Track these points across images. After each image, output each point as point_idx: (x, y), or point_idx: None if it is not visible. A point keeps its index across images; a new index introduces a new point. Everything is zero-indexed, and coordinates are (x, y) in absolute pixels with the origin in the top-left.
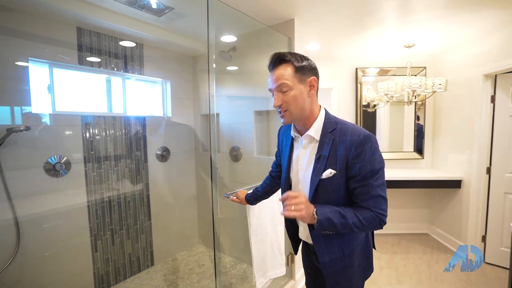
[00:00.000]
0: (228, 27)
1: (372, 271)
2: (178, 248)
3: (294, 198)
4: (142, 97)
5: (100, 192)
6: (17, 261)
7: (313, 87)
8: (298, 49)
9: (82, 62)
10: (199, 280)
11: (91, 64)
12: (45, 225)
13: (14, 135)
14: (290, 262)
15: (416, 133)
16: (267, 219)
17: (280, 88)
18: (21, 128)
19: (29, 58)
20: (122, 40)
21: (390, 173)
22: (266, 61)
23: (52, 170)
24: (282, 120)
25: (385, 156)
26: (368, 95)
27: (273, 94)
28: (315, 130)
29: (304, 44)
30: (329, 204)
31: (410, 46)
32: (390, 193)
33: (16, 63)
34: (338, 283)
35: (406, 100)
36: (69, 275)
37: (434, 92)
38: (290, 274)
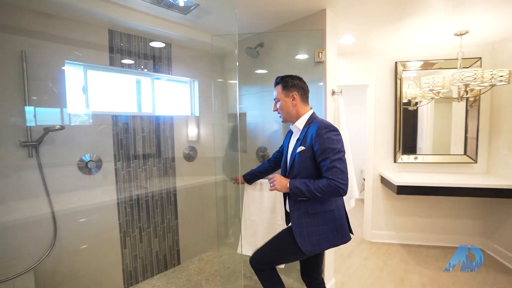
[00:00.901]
0: (254, 22)
1: (339, 242)
2: (204, 249)
3: (271, 179)
4: (170, 96)
5: (129, 190)
6: (54, 253)
7: (294, 99)
8: (330, 43)
9: (113, 64)
10: (223, 283)
11: (122, 65)
12: (79, 220)
13: (51, 134)
14: None
15: (467, 133)
16: (264, 214)
17: (275, 99)
18: (57, 128)
19: (66, 61)
20: (151, 41)
21: (434, 179)
22: (296, 56)
23: (85, 167)
24: (282, 119)
25: (428, 159)
26: (409, 92)
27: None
28: (300, 122)
29: (337, 38)
30: (300, 169)
31: (462, 34)
32: (434, 200)
33: (55, 66)
34: (303, 234)
35: (455, 96)
36: (100, 269)
37: (492, 85)
38: None
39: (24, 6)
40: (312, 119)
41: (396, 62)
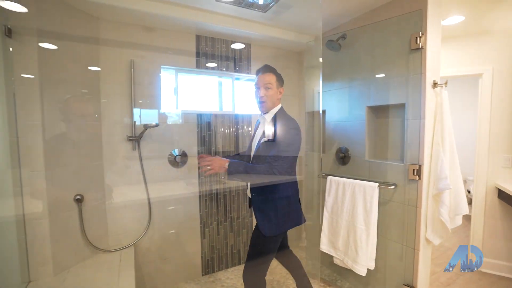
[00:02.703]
0: (336, 12)
1: (291, 225)
2: None
3: (206, 158)
4: (249, 95)
5: (209, 185)
6: (149, 233)
7: (281, 93)
8: (432, 25)
9: (199, 66)
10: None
11: (206, 67)
12: (167, 207)
13: (148, 130)
14: None
15: None
16: (344, 215)
17: (267, 85)
18: (153, 125)
19: (162, 66)
20: (233, 42)
21: None
22: (385, 45)
23: (174, 161)
24: (261, 107)
25: None
26: None
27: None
28: (269, 115)
29: (441, 18)
30: (260, 156)
31: None
32: None
33: (153, 72)
34: (261, 210)
35: None
36: (183, 254)
37: None
38: None
39: (132, 22)
40: (279, 113)
41: None
